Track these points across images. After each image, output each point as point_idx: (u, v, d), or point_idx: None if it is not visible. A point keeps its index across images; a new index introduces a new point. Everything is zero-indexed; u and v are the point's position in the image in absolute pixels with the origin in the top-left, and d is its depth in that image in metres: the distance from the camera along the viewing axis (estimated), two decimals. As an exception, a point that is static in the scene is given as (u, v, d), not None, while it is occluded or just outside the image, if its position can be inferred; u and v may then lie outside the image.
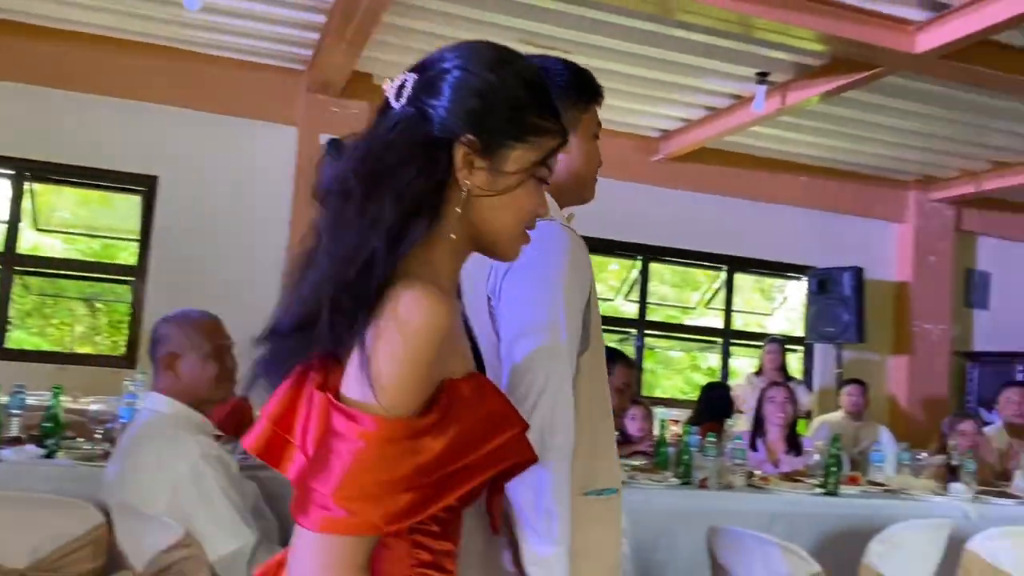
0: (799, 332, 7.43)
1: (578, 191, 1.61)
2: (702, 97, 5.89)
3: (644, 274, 7.20)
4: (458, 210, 1.00)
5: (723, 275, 7.46)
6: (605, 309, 7.51)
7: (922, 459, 3.94)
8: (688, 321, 7.98)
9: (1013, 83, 4.68)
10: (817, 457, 3.57)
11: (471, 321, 1.18)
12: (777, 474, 3.75)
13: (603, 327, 1.57)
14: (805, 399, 6.16)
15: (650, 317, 7.46)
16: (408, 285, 0.93)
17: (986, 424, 5.37)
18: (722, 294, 7.51)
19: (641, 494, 3.08)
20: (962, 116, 5.74)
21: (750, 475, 3.44)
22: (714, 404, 4.96)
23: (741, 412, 5.69)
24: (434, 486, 0.91)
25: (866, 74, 4.74)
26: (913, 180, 7.36)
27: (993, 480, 4.36)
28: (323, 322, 0.92)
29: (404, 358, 0.90)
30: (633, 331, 7.23)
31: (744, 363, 7.44)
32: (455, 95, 1.00)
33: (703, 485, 3.20)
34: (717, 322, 7.62)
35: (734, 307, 7.61)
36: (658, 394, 7.97)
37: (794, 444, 4.18)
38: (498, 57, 1.05)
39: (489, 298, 1.41)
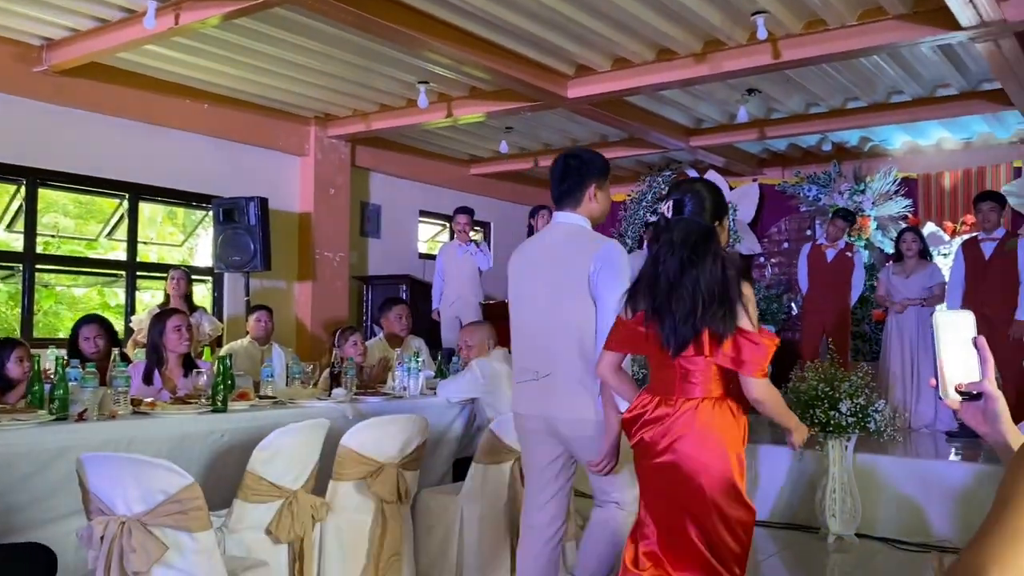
0: (210, 262, 7.43)
1: (602, 221, 3.12)
2: (91, 6, 5.38)
3: (31, 201, 6.41)
4: None
5: (126, 204, 7.04)
6: (-18, 241, 6.52)
7: (310, 370, 4.27)
8: (96, 255, 7.40)
9: (386, 29, 5.21)
10: (205, 378, 3.62)
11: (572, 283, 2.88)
12: (170, 399, 3.71)
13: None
14: (208, 326, 6.21)
15: (47, 251, 6.72)
16: (745, 284, 2.40)
17: (373, 336, 6.07)
18: (126, 224, 7.09)
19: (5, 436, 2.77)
20: (351, 58, 6.23)
21: (138, 403, 3.34)
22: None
23: (143, 345, 5.49)
24: None
25: (255, 3, 4.81)
26: (313, 116, 7.82)
27: (372, 384, 4.95)
28: (710, 311, 2.33)
29: (755, 315, 2.40)
30: (19, 266, 6.42)
31: (157, 296, 7.19)
32: (712, 207, 2.50)
33: (81, 418, 3.01)
34: (124, 255, 7.19)
35: (142, 238, 7.27)
36: (63, 336, 7.27)
37: (190, 369, 4.17)
38: (718, 188, 2.60)
39: (590, 277, 2.82)
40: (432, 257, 9.23)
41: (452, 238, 7.82)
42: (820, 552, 4.84)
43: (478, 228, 10.10)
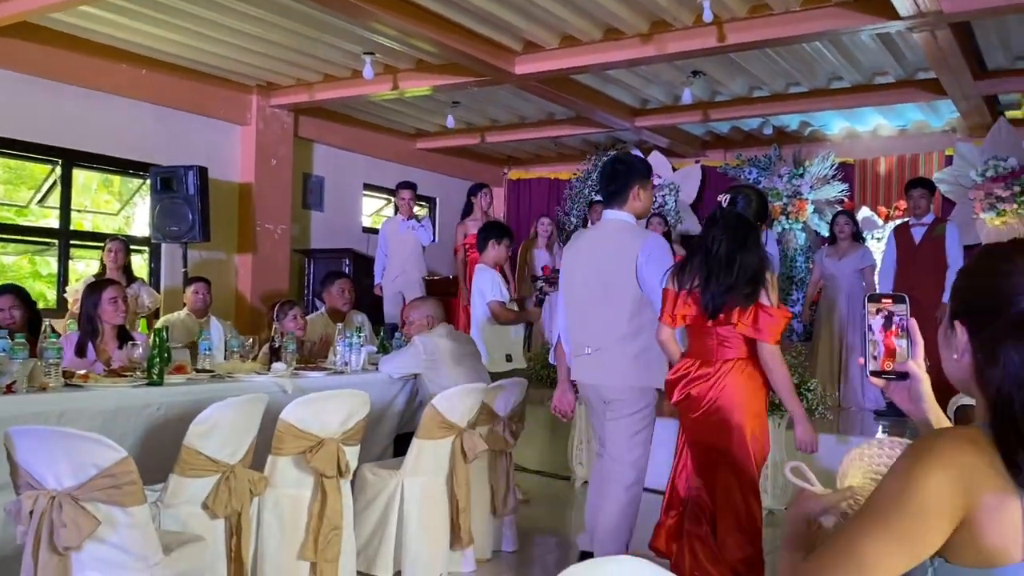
0: (147, 232, 7.25)
1: (645, 216, 3.94)
2: (20, -37, 5.18)
3: (-43, 165, 6.18)
4: None
5: (59, 170, 6.81)
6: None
7: (250, 344, 4.21)
8: (27, 222, 7.16)
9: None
10: (140, 351, 3.55)
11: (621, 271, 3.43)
12: (104, 372, 3.63)
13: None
14: (148, 298, 6.08)
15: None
16: (770, 273, 3.14)
17: (315, 310, 6.01)
18: (59, 191, 6.87)
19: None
20: (295, 26, 6.10)
21: (70, 375, 3.27)
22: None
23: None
24: None
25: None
26: (255, 85, 7.65)
27: (313, 358, 4.91)
28: (740, 287, 3.01)
29: (775, 296, 3.07)
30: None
31: (92, 266, 7.00)
32: (756, 208, 3.23)
33: (10, 390, 2.93)
34: (57, 222, 6.96)
35: (77, 206, 7.06)
36: (-11, 306, 7.03)
37: (125, 341, 4.09)
38: (765, 196, 3.41)
39: (637, 267, 3.37)
40: (376, 231, 9.16)
41: (396, 213, 7.76)
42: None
43: (423, 203, 10.04)
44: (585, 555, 3.78)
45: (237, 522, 3.15)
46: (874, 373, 1.43)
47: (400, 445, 4.44)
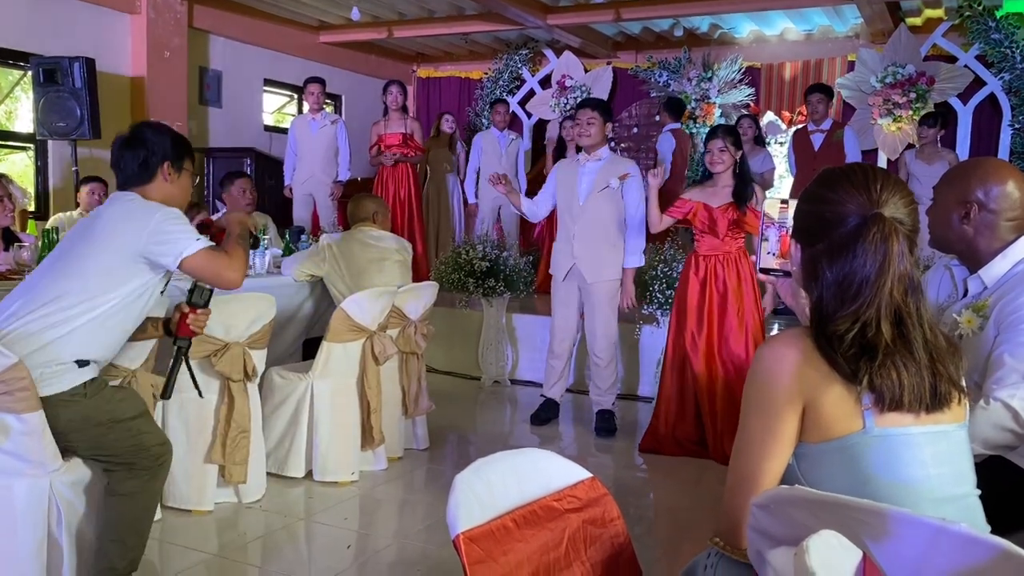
0: (31, 127, 6.79)
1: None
2: None
3: None
4: None
5: (-75, 58, 6.27)
6: None
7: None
8: None
9: None
10: (27, 253, 3.37)
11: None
12: (-11, 276, 3.44)
13: None
14: (22, 196, 5.76)
15: None
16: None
17: (216, 212, 5.81)
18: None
19: None
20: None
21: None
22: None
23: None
24: None
25: None
26: (143, -31, 7.13)
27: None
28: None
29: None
30: None
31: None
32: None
33: None
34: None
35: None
36: None
37: (11, 243, 3.87)
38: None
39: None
40: (278, 130, 8.84)
41: (301, 111, 7.48)
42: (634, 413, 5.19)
43: (328, 101, 9.71)
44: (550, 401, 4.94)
45: (141, 427, 3.09)
46: (763, 270, 1.60)
47: (309, 349, 4.41)
